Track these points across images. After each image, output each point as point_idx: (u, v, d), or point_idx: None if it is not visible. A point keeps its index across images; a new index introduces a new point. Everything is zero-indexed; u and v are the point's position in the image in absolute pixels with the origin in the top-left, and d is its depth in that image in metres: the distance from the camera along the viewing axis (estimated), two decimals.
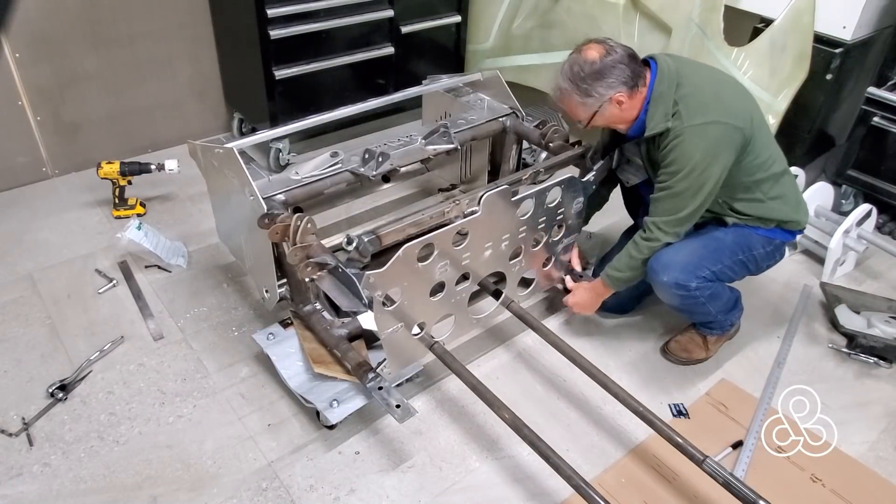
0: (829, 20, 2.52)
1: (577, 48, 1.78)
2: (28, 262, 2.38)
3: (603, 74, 1.72)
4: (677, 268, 1.85)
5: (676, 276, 1.84)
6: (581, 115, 1.81)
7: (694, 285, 1.86)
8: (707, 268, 1.88)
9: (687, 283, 1.85)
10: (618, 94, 1.74)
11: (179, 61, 2.91)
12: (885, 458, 1.88)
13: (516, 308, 2.04)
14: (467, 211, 1.78)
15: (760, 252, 1.95)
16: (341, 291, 1.56)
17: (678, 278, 1.85)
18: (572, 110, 1.82)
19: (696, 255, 1.88)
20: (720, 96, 1.79)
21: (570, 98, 1.78)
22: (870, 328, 2.21)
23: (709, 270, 1.88)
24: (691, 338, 2.14)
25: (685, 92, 1.76)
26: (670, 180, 1.79)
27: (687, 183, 1.76)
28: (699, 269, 1.87)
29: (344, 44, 2.79)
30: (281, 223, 1.65)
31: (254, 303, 2.25)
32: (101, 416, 1.85)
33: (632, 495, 1.73)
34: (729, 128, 1.74)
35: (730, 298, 2.03)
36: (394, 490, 1.72)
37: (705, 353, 2.13)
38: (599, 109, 1.77)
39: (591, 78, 1.73)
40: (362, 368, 1.79)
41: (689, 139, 1.74)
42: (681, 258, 1.86)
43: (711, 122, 1.73)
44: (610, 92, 1.74)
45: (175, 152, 2.95)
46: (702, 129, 1.73)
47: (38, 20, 2.52)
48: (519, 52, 3.19)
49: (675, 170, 1.77)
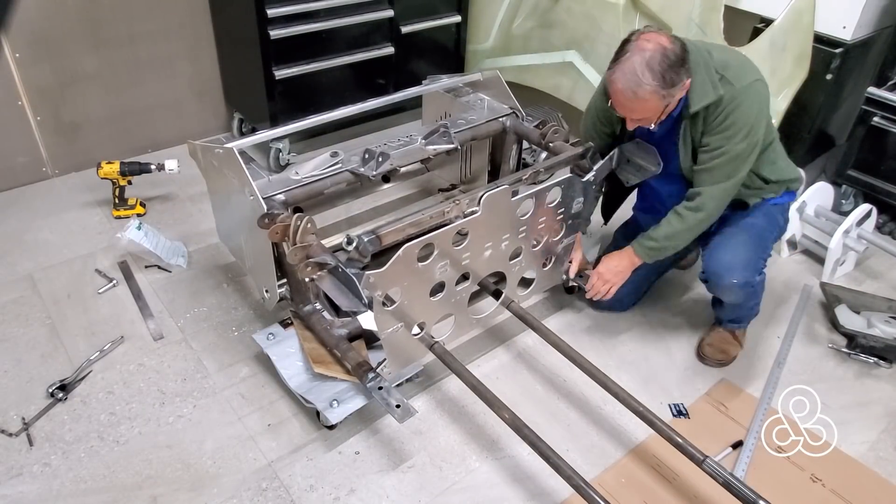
0: (829, 20, 2.52)
1: (629, 47, 1.66)
2: (28, 262, 2.38)
3: (683, 59, 1.66)
4: (740, 266, 1.89)
5: (744, 275, 1.89)
6: (655, 112, 1.72)
7: (757, 279, 1.93)
8: (761, 258, 1.95)
9: (752, 280, 1.91)
10: (688, 76, 1.70)
11: (179, 61, 2.91)
12: (885, 458, 1.88)
13: (516, 308, 2.04)
14: (467, 211, 1.78)
15: (781, 222, 2.04)
16: (341, 291, 1.55)
17: (746, 277, 1.89)
18: (646, 109, 1.71)
19: (749, 249, 1.92)
20: (741, 56, 1.83)
21: (653, 95, 1.66)
22: (870, 328, 2.21)
23: (762, 261, 1.95)
24: (723, 337, 2.15)
25: (721, 58, 1.76)
26: (728, 144, 1.77)
27: (745, 143, 1.78)
28: (757, 263, 1.93)
29: (344, 44, 2.79)
30: (281, 223, 1.65)
31: (254, 303, 2.25)
32: (101, 416, 1.85)
33: (632, 495, 1.73)
34: (765, 83, 1.79)
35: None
36: (394, 490, 1.72)
37: (739, 347, 2.15)
38: (673, 99, 1.71)
39: (676, 65, 1.65)
40: (362, 368, 1.79)
41: (746, 100, 1.74)
42: (740, 257, 1.90)
43: (757, 80, 1.77)
44: (686, 75, 1.69)
45: (175, 152, 2.95)
46: (753, 88, 1.76)
47: (38, 20, 2.52)
48: (519, 52, 3.19)
49: (732, 133, 1.76)
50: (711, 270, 1.92)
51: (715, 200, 1.85)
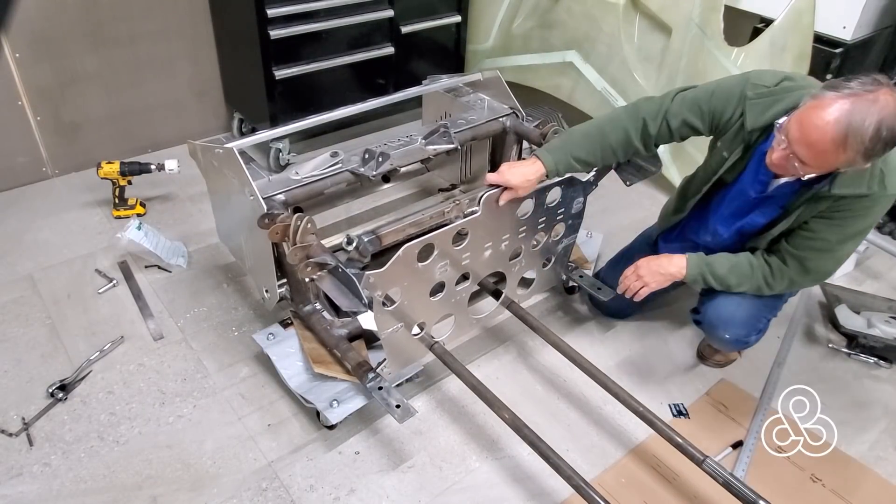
0: (829, 20, 2.52)
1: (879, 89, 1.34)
2: (28, 262, 2.38)
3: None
4: (739, 323, 1.79)
5: (739, 332, 1.81)
6: (829, 168, 1.46)
7: (753, 339, 1.84)
8: (765, 317, 1.83)
9: (747, 339, 1.83)
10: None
11: (179, 61, 2.91)
12: (885, 458, 1.88)
13: (516, 308, 2.04)
14: (467, 211, 1.78)
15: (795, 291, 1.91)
16: (341, 291, 1.55)
17: (741, 335, 1.81)
18: (826, 162, 1.42)
19: (755, 305, 1.78)
20: None
21: (853, 154, 1.37)
22: (870, 328, 2.21)
23: (766, 320, 1.84)
24: None
25: (889, 156, 1.49)
26: (833, 238, 1.60)
27: (851, 247, 1.64)
28: (759, 322, 1.82)
29: (344, 44, 2.79)
30: (281, 223, 1.64)
31: (254, 303, 2.25)
32: (101, 416, 1.85)
33: (632, 495, 1.73)
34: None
35: None
36: (394, 490, 1.72)
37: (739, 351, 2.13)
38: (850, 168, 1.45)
39: (891, 144, 1.37)
40: (362, 368, 1.79)
41: (882, 207, 1.56)
42: (742, 312, 1.77)
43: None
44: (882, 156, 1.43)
45: (175, 152, 2.95)
46: (891, 199, 1.56)
47: (38, 20, 2.52)
48: (519, 52, 3.19)
49: (849, 232, 1.59)
50: (707, 317, 1.82)
51: (786, 283, 1.70)
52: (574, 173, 1.86)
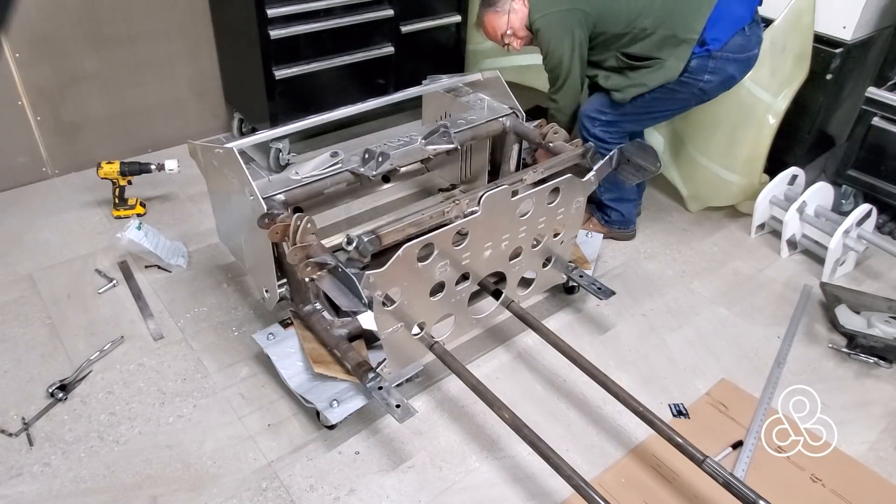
0: (829, 20, 2.53)
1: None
2: (28, 262, 2.38)
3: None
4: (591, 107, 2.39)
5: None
6: (500, 30, 2.25)
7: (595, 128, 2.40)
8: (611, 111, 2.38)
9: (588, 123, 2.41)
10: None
11: (179, 61, 2.91)
12: (885, 458, 1.88)
13: (516, 308, 2.04)
14: (467, 211, 1.78)
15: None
16: (341, 291, 1.55)
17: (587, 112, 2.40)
18: (491, 26, 2.26)
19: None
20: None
21: (487, 14, 2.23)
22: (870, 328, 2.21)
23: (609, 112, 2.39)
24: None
25: None
26: None
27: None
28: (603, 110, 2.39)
29: (344, 44, 2.79)
30: (281, 223, 1.65)
31: (254, 303, 2.25)
32: (101, 416, 1.85)
33: (632, 495, 1.73)
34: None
35: None
36: (394, 490, 1.72)
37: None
38: (510, 18, 2.20)
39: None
40: (362, 368, 1.79)
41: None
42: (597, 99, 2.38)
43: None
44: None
45: (175, 152, 2.95)
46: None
47: (38, 20, 2.52)
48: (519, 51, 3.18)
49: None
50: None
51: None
52: None
